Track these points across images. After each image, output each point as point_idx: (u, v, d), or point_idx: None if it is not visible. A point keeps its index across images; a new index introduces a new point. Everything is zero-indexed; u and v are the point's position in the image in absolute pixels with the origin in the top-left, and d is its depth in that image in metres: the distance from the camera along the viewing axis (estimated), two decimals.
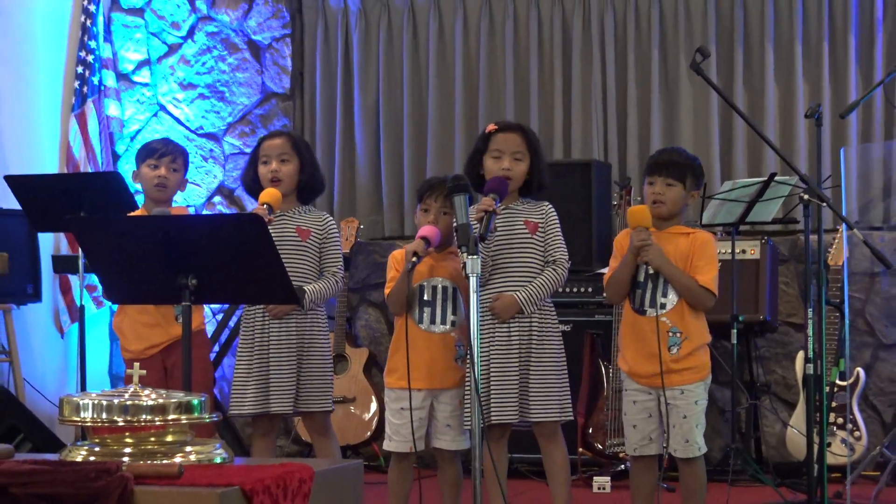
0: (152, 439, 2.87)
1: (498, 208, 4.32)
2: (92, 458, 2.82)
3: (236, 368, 4.82)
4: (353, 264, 7.01)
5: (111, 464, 2.68)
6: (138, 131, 7.60)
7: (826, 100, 6.68)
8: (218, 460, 2.93)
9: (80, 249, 5.51)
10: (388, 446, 4.65)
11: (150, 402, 2.86)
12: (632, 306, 4.49)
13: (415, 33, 7.32)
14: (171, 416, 2.87)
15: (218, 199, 7.55)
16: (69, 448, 2.91)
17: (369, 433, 6.69)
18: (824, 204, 4.54)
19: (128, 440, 2.85)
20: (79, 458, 2.83)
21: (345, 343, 6.80)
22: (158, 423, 2.86)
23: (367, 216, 7.29)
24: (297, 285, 4.71)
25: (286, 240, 4.76)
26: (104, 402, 2.85)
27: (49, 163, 7.23)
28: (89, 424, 2.87)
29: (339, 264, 4.88)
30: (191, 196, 7.50)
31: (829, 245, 5.74)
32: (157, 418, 2.86)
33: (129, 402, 2.85)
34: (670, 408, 4.40)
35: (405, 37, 7.30)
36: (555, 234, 4.59)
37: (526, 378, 4.50)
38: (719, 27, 6.89)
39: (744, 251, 6.13)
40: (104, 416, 2.84)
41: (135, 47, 7.66)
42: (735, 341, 5.76)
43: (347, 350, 6.82)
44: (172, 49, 7.63)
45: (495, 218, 4.31)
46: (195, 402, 2.91)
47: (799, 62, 6.76)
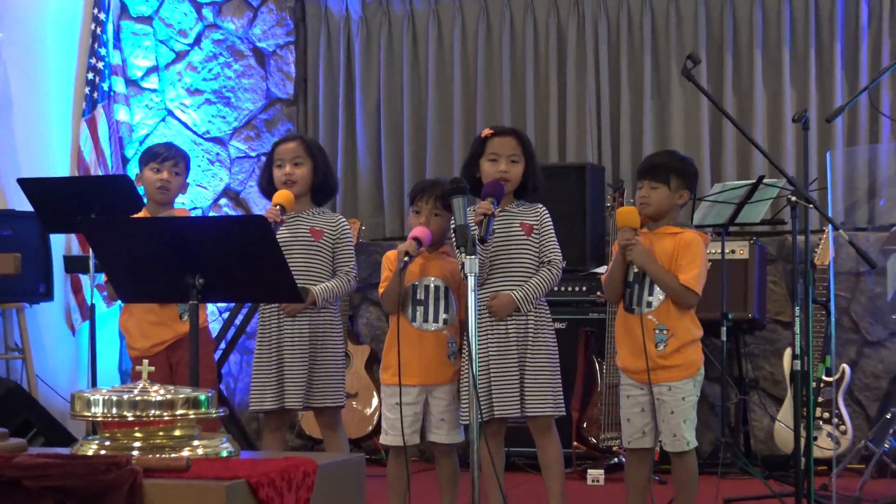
0: (161, 434, 2.87)
1: (496, 211, 4.33)
2: (102, 452, 2.82)
3: (254, 366, 4.81)
4: (355, 264, 7.00)
5: (121, 457, 2.69)
6: (147, 135, 7.60)
7: (813, 105, 6.69)
8: (224, 454, 2.93)
9: (90, 250, 5.51)
10: (384, 440, 4.66)
11: (159, 398, 2.86)
12: (623, 305, 4.50)
13: (414, 41, 7.33)
14: (179, 412, 2.87)
15: (224, 201, 7.55)
16: (80, 442, 2.91)
17: (371, 428, 6.69)
18: (811, 205, 4.54)
19: (137, 434, 2.86)
20: (90, 452, 2.83)
21: (347, 340, 6.81)
22: (167, 418, 2.86)
23: (369, 217, 7.29)
24: (301, 285, 4.72)
25: (299, 240, 4.77)
26: (114, 398, 2.85)
27: (60, 166, 7.23)
28: (100, 419, 2.87)
29: (352, 264, 4.88)
30: (197, 198, 7.51)
31: (816, 245, 5.75)
32: (165, 413, 2.86)
33: (138, 398, 2.85)
34: (659, 403, 4.41)
35: (405, 44, 7.30)
36: (549, 235, 4.60)
37: (522, 374, 4.51)
38: (709, 35, 6.90)
39: (733, 251, 6.13)
40: (114, 411, 2.84)
41: (143, 54, 7.66)
42: (725, 338, 5.76)
43: (349, 347, 6.82)
44: (180, 56, 7.63)
45: (493, 221, 4.32)
46: (202, 397, 2.92)
47: (786, 68, 6.77)
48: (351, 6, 7.39)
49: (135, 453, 2.78)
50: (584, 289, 6.35)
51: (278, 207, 4.55)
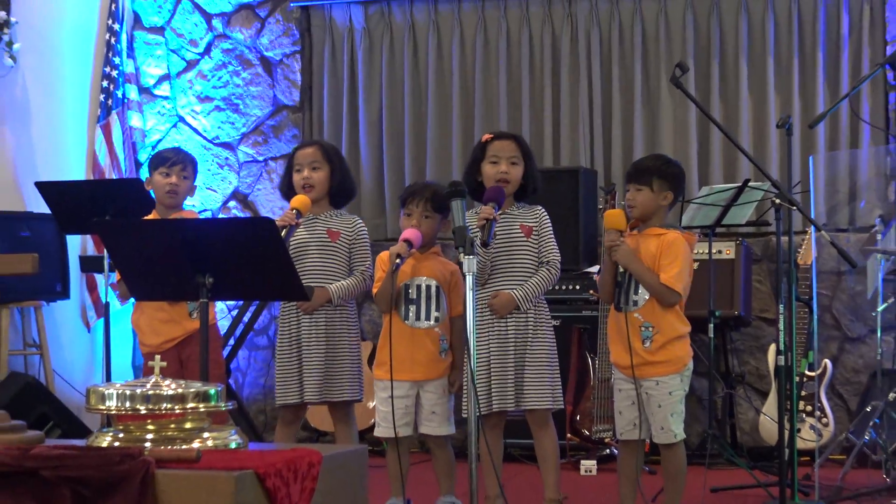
0: (172, 426, 2.87)
1: (497, 215, 4.34)
2: (116, 444, 2.82)
3: (277, 362, 4.82)
4: (371, 264, 7.00)
5: (134, 449, 2.69)
6: (159, 141, 7.60)
7: (796, 111, 6.69)
8: (233, 445, 2.93)
9: (105, 250, 5.51)
10: (378, 432, 4.67)
11: (171, 392, 2.86)
12: (614, 304, 4.51)
13: (415, 50, 7.33)
14: (190, 405, 2.87)
15: (233, 203, 7.56)
16: (95, 434, 2.91)
17: (373, 420, 6.64)
18: (794, 208, 4.54)
19: (149, 427, 2.85)
20: (104, 444, 2.83)
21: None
22: (178, 411, 2.86)
23: (371, 219, 7.29)
24: (317, 284, 4.73)
25: (317, 241, 4.77)
26: (128, 392, 2.85)
27: (76, 170, 7.23)
28: (114, 412, 2.87)
29: (368, 263, 4.87)
30: (207, 201, 7.51)
31: (799, 246, 5.75)
32: (176, 407, 2.86)
33: (150, 392, 2.85)
34: (647, 398, 4.41)
35: (406, 53, 7.30)
36: (548, 236, 4.61)
37: (521, 369, 4.52)
38: (697, 44, 6.90)
39: (720, 251, 6.13)
40: (128, 404, 2.84)
41: (156, 63, 7.66)
42: (712, 335, 5.76)
43: None
44: (191, 65, 7.63)
45: (495, 225, 4.32)
46: (212, 391, 2.91)
47: (771, 76, 6.77)
48: (354, 17, 7.39)
49: (147, 445, 2.78)
50: (578, 287, 6.35)
51: (294, 211, 4.55)
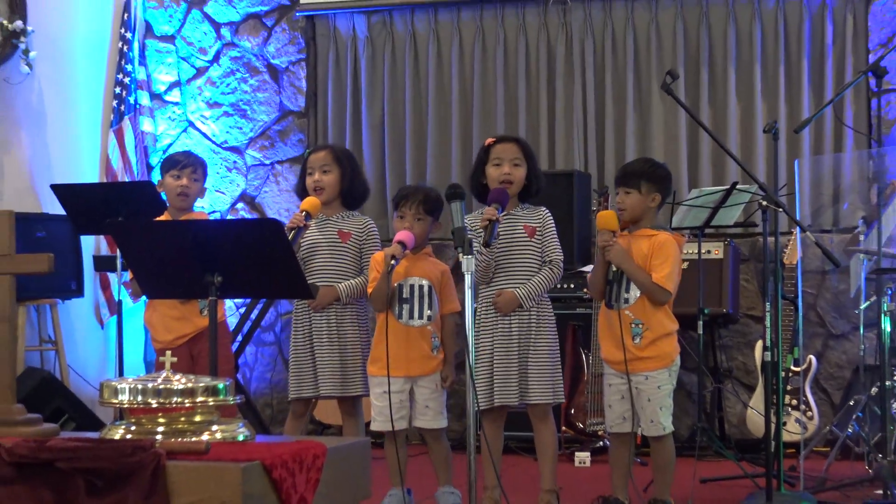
0: (182, 419, 2.87)
1: (500, 216, 4.34)
2: (129, 436, 2.83)
3: (291, 357, 4.83)
4: None
5: (146, 441, 2.69)
6: (170, 145, 7.59)
7: (782, 117, 6.69)
8: (241, 438, 2.93)
9: (118, 250, 5.51)
10: (373, 426, 4.64)
11: (181, 386, 2.86)
12: (605, 301, 4.51)
13: (416, 58, 7.32)
14: (200, 399, 2.88)
15: (241, 205, 7.55)
16: (108, 427, 2.92)
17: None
18: (780, 209, 4.54)
19: (160, 420, 2.86)
20: (117, 436, 2.84)
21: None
22: (188, 405, 2.87)
23: (373, 220, 7.26)
24: (327, 283, 4.73)
25: (328, 241, 4.77)
26: (140, 387, 2.85)
27: (90, 173, 7.23)
28: (126, 406, 2.87)
29: None
30: (216, 202, 7.51)
31: (785, 246, 5.75)
32: (186, 400, 2.86)
33: (161, 387, 2.85)
34: (637, 392, 4.42)
35: (407, 61, 7.30)
36: (551, 236, 4.59)
37: (524, 365, 4.51)
38: (687, 52, 6.90)
39: (709, 252, 6.13)
40: (140, 398, 2.85)
41: (166, 70, 7.66)
42: (701, 332, 5.75)
43: None
44: (200, 72, 7.63)
45: (498, 226, 4.32)
46: (221, 386, 2.92)
47: (758, 83, 6.77)
48: (357, 26, 7.39)
49: (158, 437, 2.79)
50: (572, 286, 6.35)
51: (304, 213, 4.55)
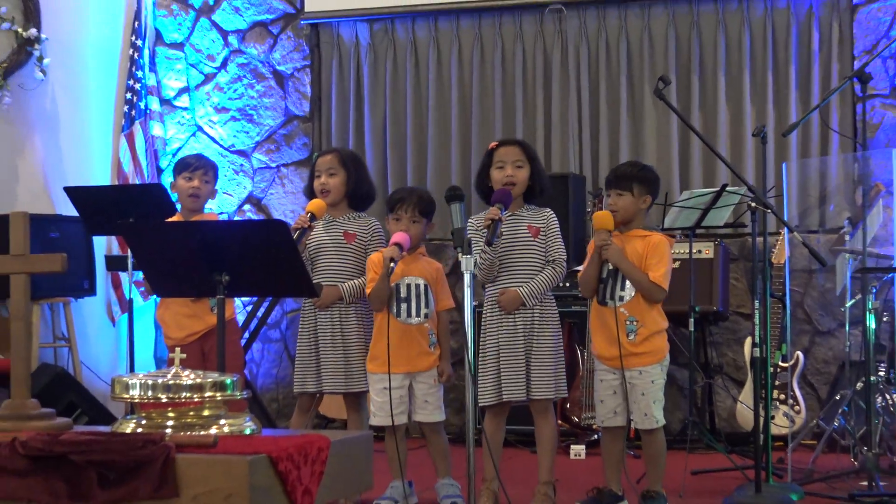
0: (191, 413, 2.87)
1: (504, 216, 4.33)
2: (139, 430, 2.83)
3: (297, 353, 4.84)
4: None
5: (156, 435, 2.69)
6: (179, 149, 7.60)
7: (770, 121, 6.69)
8: (248, 431, 2.93)
9: (129, 250, 5.51)
10: (373, 421, 4.63)
11: (190, 382, 2.87)
12: (597, 298, 4.51)
13: (416, 64, 7.33)
14: (208, 394, 2.88)
15: (247, 206, 7.56)
16: (120, 421, 2.92)
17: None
18: (768, 210, 4.55)
19: (170, 414, 2.86)
20: (128, 430, 2.84)
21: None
22: (196, 400, 2.87)
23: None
24: (331, 283, 4.73)
25: (333, 242, 4.77)
26: (150, 382, 2.86)
27: (102, 176, 7.23)
28: (137, 401, 2.88)
29: None
30: (223, 204, 7.51)
31: (773, 246, 5.75)
32: (195, 395, 2.86)
33: (171, 382, 2.85)
34: (631, 386, 4.41)
35: (408, 67, 7.30)
36: (555, 236, 4.59)
37: (528, 361, 4.50)
38: (678, 59, 6.90)
39: (699, 251, 6.13)
40: (150, 393, 2.85)
41: (176, 76, 7.66)
42: (692, 328, 5.76)
43: None
44: (208, 78, 7.63)
45: (500, 225, 4.32)
46: (228, 381, 2.92)
47: (747, 88, 6.77)
48: (360, 34, 7.40)
49: (168, 431, 2.79)
50: (568, 284, 6.34)
51: (308, 214, 4.55)
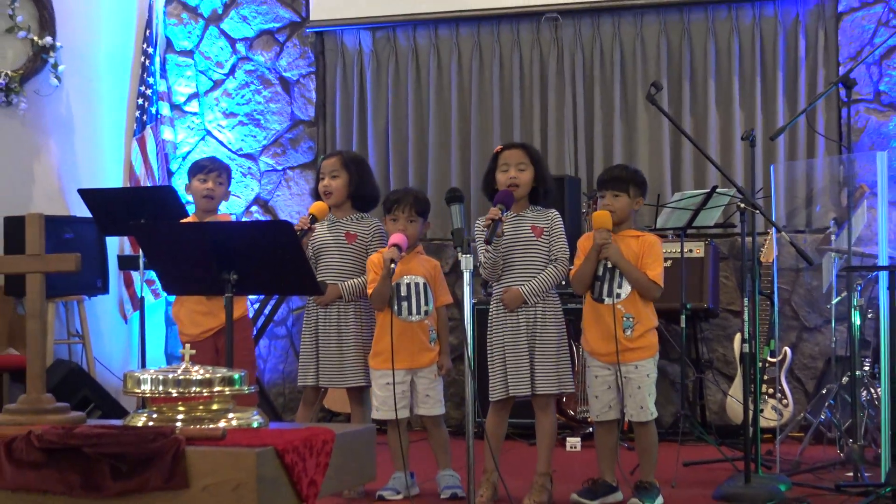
0: (200, 407, 2.87)
1: (505, 217, 4.33)
2: (150, 424, 2.82)
3: (300, 349, 4.85)
4: None
5: (166, 428, 2.69)
6: (189, 152, 7.59)
7: (759, 125, 6.69)
8: (255, 425, 2.93)
9: (140, 250, 5.51)
10: (375, 415, 4.63)
11: (199, 377, 2.86)
12: (592, 296, 4.50)
13: (417, 70, 7.32)
14: (216, 389, 2.87)
15: (255, 208, 7.55)
16: (131, 415, 2.92)
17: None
18: (757, 211, 4.54)
19: (180, 408, 2.86)
20: (139, 424, 2.83)
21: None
22: (205, 395, 2.86)
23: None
24: (333, 281, 4.73)
25: (335, 242, 4.77)
26: (161, 377, 2.85)
27: (114, 178, 7.23)
28: (148, 395, 2.87)
29: None
30: (232, 206, 7.50)
31: (761, 245, 5.74)
32: (204, 390, 2.86)
33: (181, 377, 2.85)
34: (626, 381, 4.41)
35: (409, 73, 7.30)
36: (558, 237, 4.57)
37: (532, 357, 4.49)
38: (670, 65, 6.89)
39: (690, 251, 6.13)
40: (161, 388, 2.84)
41: (186, 82, 7.65)
42: (684, 325, 5.76)
43: None
44: (217, 84, 7.62)
45: (502, 225, 4.32)
46: (236, 376, 2.92)
47: (736, 93, 6.77)
48: (363, 41, 7.39)
49: (178, 424, 2.78)
50: (564, 283, 6.33)
51: (310, 216, 4.55)
